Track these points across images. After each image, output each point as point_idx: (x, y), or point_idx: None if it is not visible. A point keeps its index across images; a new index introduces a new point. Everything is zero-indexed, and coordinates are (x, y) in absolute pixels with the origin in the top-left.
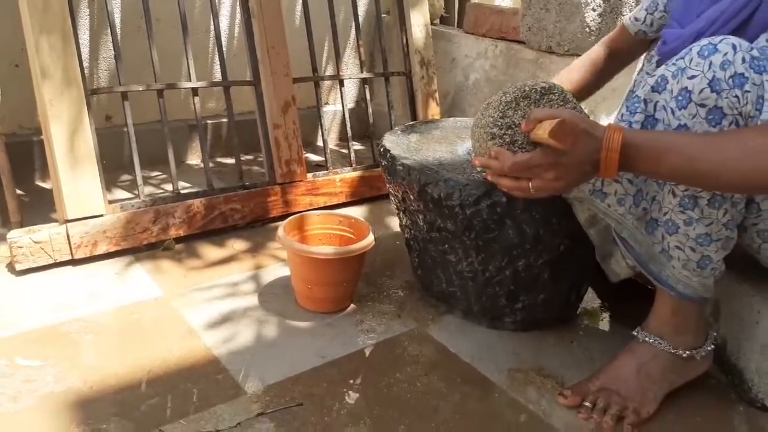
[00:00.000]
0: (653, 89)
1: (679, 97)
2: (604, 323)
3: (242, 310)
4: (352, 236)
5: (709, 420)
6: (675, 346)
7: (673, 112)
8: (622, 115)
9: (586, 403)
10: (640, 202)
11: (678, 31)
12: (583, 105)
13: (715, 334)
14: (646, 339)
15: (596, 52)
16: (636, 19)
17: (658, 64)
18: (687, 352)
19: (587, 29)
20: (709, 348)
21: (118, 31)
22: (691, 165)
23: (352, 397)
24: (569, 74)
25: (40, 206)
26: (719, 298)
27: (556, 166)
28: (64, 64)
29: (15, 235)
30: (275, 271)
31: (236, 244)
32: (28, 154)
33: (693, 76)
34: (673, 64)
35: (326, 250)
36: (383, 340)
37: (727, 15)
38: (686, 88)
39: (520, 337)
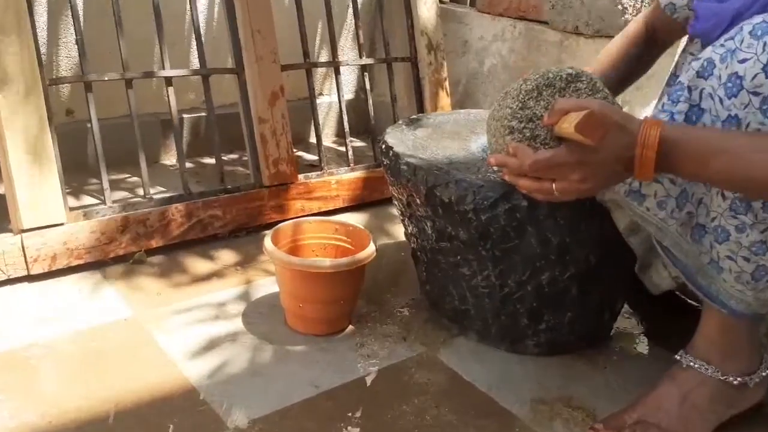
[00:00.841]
0: (699, 74)
1: (729, 84)
2: (642, 346)
3: (224, 333)
4: (350, 246)
5: None
6: (724, 371)
7: (721, 101)
8: (662, 105)
9: None
10: (684, 205)
11: (713, 5)
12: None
13: None
14: (691, 364)
15: (633, 32)
16: None
17: (704, 45)
18: (738, 379)
19: (619, 6)
20: (764, 374)
21: (81, 12)
22: (744, 169)
23: None
24: (603, 61)
25: None
26: None
27: (583, 165)
28: (17, 50)
29: None
30: (262, 287)
31: (217, 257)
32: None
33: (744, 60)
34: (721, 45)
35: (320, 262)
36: (387, 366)
37: None
38: (737, 73)
39: (545, 362)
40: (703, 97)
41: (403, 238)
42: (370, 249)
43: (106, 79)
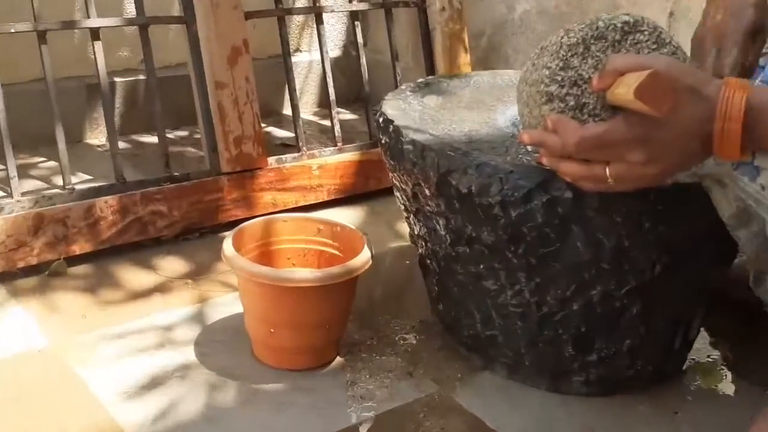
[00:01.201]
0: None
1: None
2: (725, 382)
3: (171, 368)
4: (337, 253)
5: None
6: None
7: None
8: None
9: None
10: None
11: None
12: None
13: None
14: None
15: None
16: None
17: None
18: None
19: None
20: None
21: None
22: None
23: None
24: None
25: None
26: None
27: (646, 142)
28: None
29: None
30: (220, 307)
31: (161, 267)
32: None
33: None
34: None
35: (299, 274)
36: (387, 411)
37: None
38: None
39: (596, 404)
40: None
41: (407, 241)
42: (365, 256)
43: (12, 31)
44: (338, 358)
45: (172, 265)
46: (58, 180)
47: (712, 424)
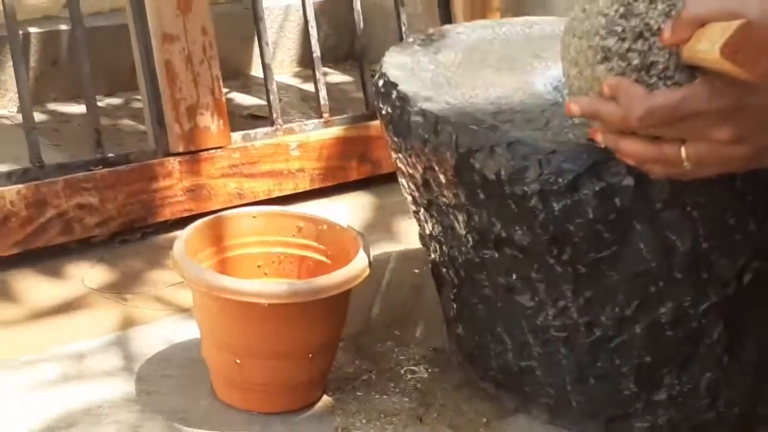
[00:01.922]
0: None
1: None
2: None
3: (107, 410)
4: (323, 258)
5: None
6: None
7: None
8: None
9: None
10: None
11: None
12: None
13: None
14: None
15: None
16: None
17: None
18: None
19: None
20: None
21: None
22: None
23: None
24: None
25: None
26: None
27: (735, 114)
28: None
29: None
30: (171, 330)
31: (90, 277)
32: None
33: None
34: None
35: (272, 287)
36: None
37: None
38: None
39: None
40: None
41: (417, 243)
42: (360, 263)
43: None
44: (325, 398)
45: (104, 274)
46: None
47: None
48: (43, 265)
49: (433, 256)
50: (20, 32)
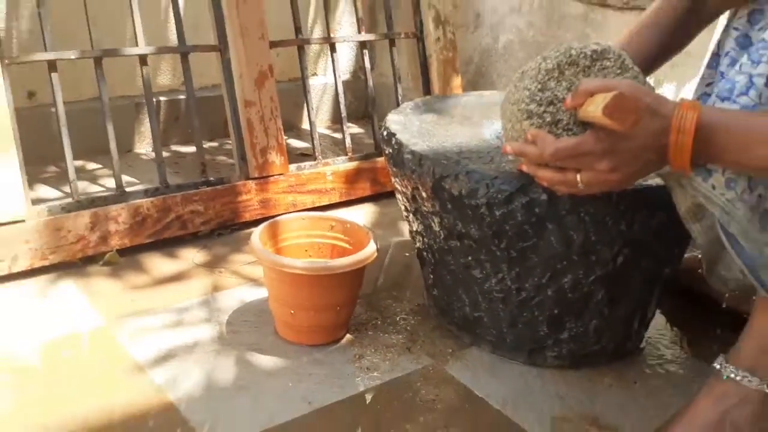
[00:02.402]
0: None
1: None
2: (678, 358)
3: (205, 343)
4: (347, 246)
5: None
6: None
7: None
8: (741, 66)
9: None
10: (757, 186)
11: None
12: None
13: None
14: (732, 375)
15: (668, 2)
16: None
17: (751, 18)
18: None
19: None
20: None
21: None
22: None
23: None
24: (633, 36)
25: None
26: None
27: (611, 153)
28: None
29: None
30: (248, 292)
31: (198, 257)
32: None
33: None
34: None
35: (314, 264)
36: (389, 380)
37: None
38: None
39: (568, 376)
40: None
41: (407, 236)
42: (370, 249)
43: (72, 57)
44: (348, 336)
45: (207, 256)
46: (111, 183)
47: (666, 393)
48: (167, 249)
49: (417, 245)
50: (154, 99)
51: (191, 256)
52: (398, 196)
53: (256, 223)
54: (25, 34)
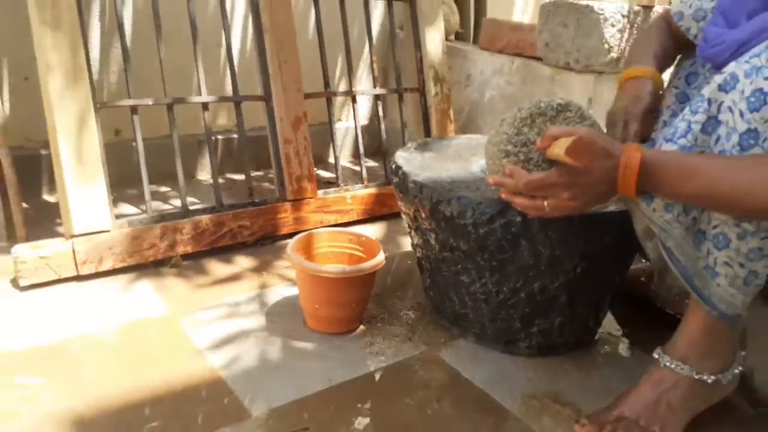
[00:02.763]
0: (720, 88)
1: (752, 99)
2: (624, 349)
3: (249, 330)
4: (362, 255)
5: None
6: (700, 370)
7: (741, 115)
8: (683, 115)
9: None
10: (691, 210)
11: (721, 31)
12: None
13: (743, 353)
14: (668, 363)
15: (664, 26)
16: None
17: (688, 79)
18: (713, 377)
19: (606, 45)
20: (736, 371)
21: (129, 43)
22: (714, 188)
23: (360, 422)
24: (644, 47)
25: (46, 220)
26: (745, 324)
27: (572, 185)
28: (74, 79)
29: (20, 250)
30: (283, 290)
31: (244, 262)
32: (35, 168)
33: None
34: (747, 62)
35: (335, 268)
36: (393, 363)
37: None
38: (761, 89)
39: (536, 362)
40: (722, 110)
41: (410, 248)
42: (380, 257)
43: (150, 103)
44: (361, 327)
45: (251, 261)
46: (177, 202)
47: (616, 378)
48: (221, 255)
49: (418, 255)
50: (213, 138)
51: (240, 261)
52: (403, 216)
53: (290, 235)
54: (114, 85)
